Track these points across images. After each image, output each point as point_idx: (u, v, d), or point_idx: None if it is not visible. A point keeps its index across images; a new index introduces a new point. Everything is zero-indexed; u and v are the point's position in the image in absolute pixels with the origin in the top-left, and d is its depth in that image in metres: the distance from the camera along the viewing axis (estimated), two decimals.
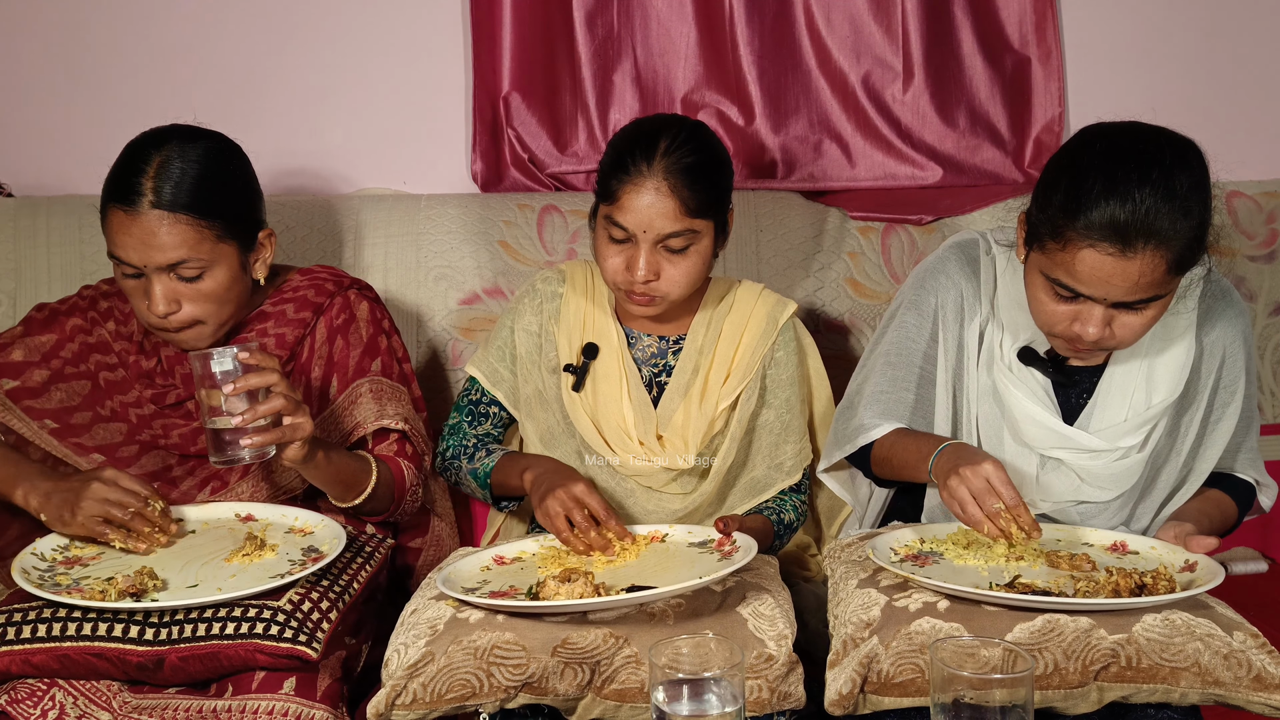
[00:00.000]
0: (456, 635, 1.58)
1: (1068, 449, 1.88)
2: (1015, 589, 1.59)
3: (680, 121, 1.99)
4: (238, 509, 1.95)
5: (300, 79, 2.59)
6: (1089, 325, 1.73)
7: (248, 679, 1.68)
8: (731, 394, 2.06)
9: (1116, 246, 1.64)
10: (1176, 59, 2.70)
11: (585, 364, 2.07)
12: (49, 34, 2.58)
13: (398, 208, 2.50)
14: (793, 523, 2.09)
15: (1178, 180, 1.65)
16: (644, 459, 2.03)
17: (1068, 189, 1.69)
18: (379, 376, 2.04)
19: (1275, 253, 2.55)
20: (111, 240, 1.84)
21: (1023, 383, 1.89)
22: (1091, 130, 1.77)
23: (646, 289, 1.96)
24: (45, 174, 2.60)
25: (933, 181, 2.66)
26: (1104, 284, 1.68)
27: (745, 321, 2.10)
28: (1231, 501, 1.97)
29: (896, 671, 1.55)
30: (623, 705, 1.60)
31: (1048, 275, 1.74)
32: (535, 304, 2.12)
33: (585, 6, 2.60)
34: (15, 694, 1.65)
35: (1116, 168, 1.66)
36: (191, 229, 1.82)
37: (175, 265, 1.83)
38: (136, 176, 1.81)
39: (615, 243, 1.96)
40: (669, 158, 1.91)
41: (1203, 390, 1.91)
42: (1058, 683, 1.53)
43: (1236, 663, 1.53)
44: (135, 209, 1.80)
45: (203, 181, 1.84)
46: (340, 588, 1.76)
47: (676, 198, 1.90)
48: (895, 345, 1.96)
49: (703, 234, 1.96)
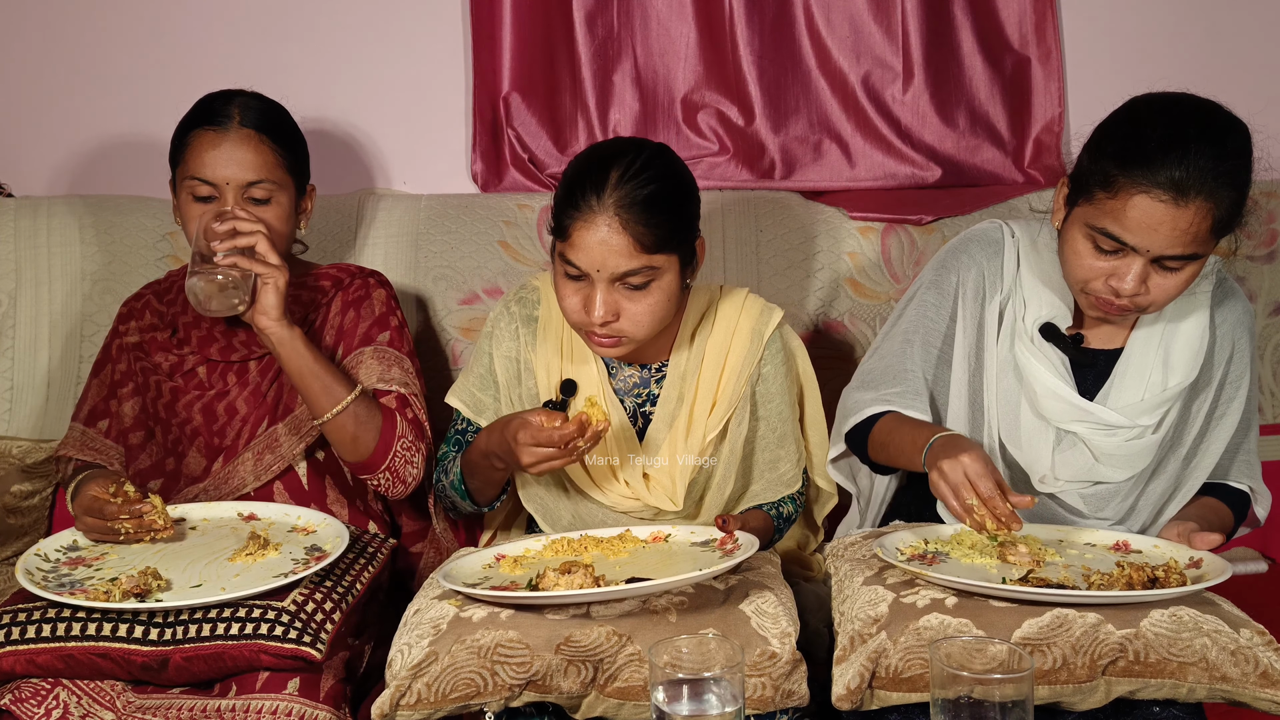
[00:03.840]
0: (460, 634, 1.58)
1: (1085, 423, 1.89)
2: (1029, 583, 1.60)
3: (637, 147, 1.85)
4: (240, 508, 1.96)
5: (300, 79, 2.58)
6: (1126, 278, 1.75)
7: (251, 679, 1.68)
8: (719, 423, 1.96)
9: (1171, 195, 1.69)
10: (1176, 59, 2.70)
11: (565, 400, 1.97)
12: (49, 35, 2.58)
13: (398, 208, 2.50)
14: (791, 515, 2.07)
15: (1231, 142, 1.73)
16: (631, 498, 1.97)
17: (1124, 140, 1.75)
18: (385, 346, 2.06)
19: (1275, 253, 2.55)
20: (194, 160, 1.97)
21: (1044, 356, 1.90)
22: (1148, 95, 1.83)
23: (607, 330, 1.84)
24: (45, 174, 2.60)
25: (933, 181, 2.66)
26: (1151, 232, 1.71)
27: (729, 341, 1.98)
28: (1228, 509, 1.98)
29: (905, 666, 1.55)
30: (625, 703, 1.60)
31: (1093, 226, 1.76)
32: (511, 329, 2.01)
33: (585, 6, 2.60)
34: (20, 693, 1.65)
35: (1176, 122, 1.73)
36: (271, 152, 1.99)
37: (251, 185, 1.97)
38: (224, 105, 2.00)
39: (571, 279, 1.83)
40: (621, 190, 1.78)
41: (1214, 379, 1.93)
42: (1066, 678, 1.54)
43: (1244, 659, 1.54)
44: (224, 129, 1.97)
45: (278, 115, 2.06)
46: (344, 588, 1.77)
47: (628, 234, 1.77)
48: (915, 323, 1.97)
49: (664, 269, 1.83)
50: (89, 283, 2.38)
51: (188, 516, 1.94)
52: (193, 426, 2.03)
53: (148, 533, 1.83)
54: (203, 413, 2.04)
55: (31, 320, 2.36)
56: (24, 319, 2.36)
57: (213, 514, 1.95)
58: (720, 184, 2.64)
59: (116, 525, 1.81)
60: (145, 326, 2.10)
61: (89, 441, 2.09)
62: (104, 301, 2.36)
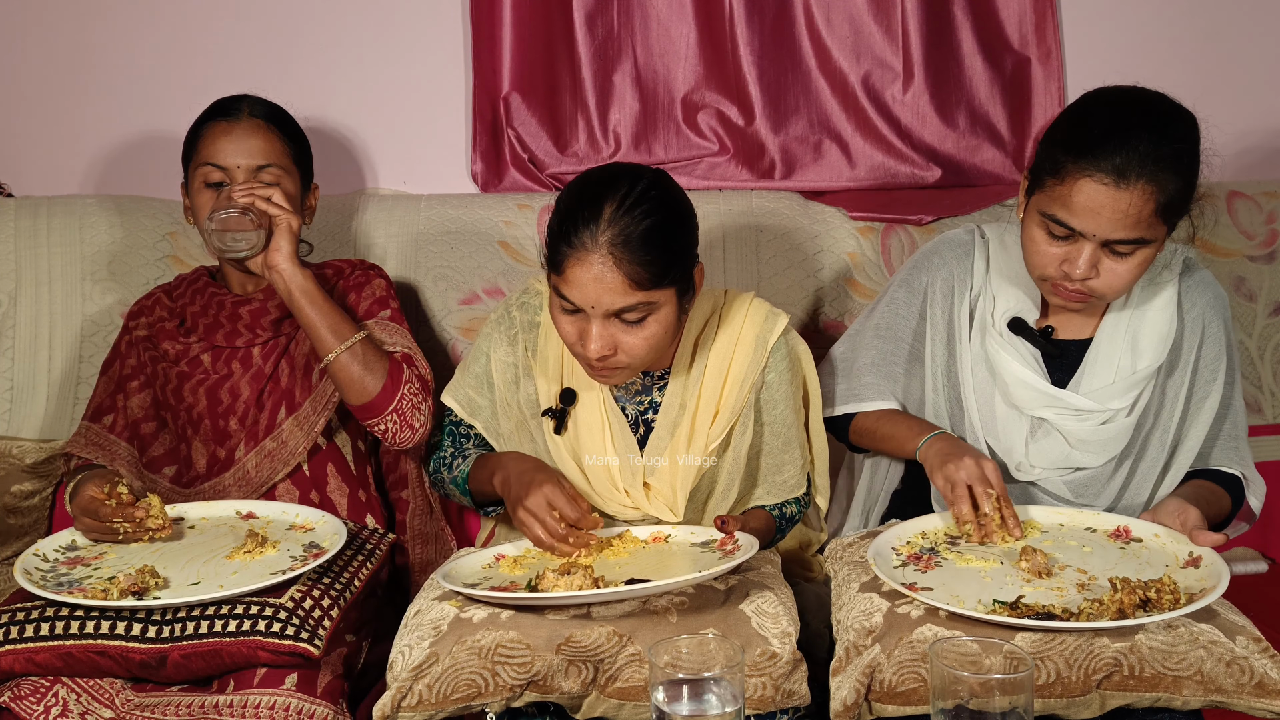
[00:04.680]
0: (460, 635, 1.58)
1: (1056, 409, 1.94)
2: (1019, 610, 1.57)
3: (632, 177, 1.79)
4: (239, 506, 1.97)
5: (300, 79, 2.58)
6: (1078, 263, 1.80)
7: (249, 675, 1.69)
8: (721, 433, 1.93)
9: (1112, 178, 1.75)
10: (1176, 59, 2.70)
11: (564, 409, 1.95)
12: (50, 35, 2.58)
13: (398, 208, 2.49)
14: (794, 515, 2.06)
15: (1173, 129, 1.79)
16: (631, 508, 1.94)
17: (1071, 128, 1.83)
18: (387, 320, 2.11)
19: (1275, 253, 2.55)
20: (206, 149, 2.06)
21: (1013, 349, 1.96)
22: (1100, 88, 1.89)
23: (604, 364, 1.81)
24: (45, 174, 2.60)
25: (933, 181, 2.66)
26: (1095, 215, 1.76)
27: (732, 350, 1.95)
28: (1224, 493, 1.99)
29: (899, 680, 1.55)
30: (626, 703, 1.60)
31: (1044, 213, 1.82)
32: (511, 334, 1.99)
33: (585, 6, 2.60)
34: (19, 691, 1.66)
35: (1118, 110, 1.81)
36: (278, 140, 2.09)
37: (260, 169, 2.05)
38: (235, 101, 2.11)
39: (567, 313, 1.80)
40: (615, 226, 1.73)
41: (1186, 363, 1.97)
42: (1060, 691, 1.53)
43: (1239, 669, 1.53)
44: (235, 119, 2.07)
45: (284, 112, 2.15)
46: (341, 585, 1.77)
47: (622, 272, 1.73)
48: (886, 320, 2.07)
49: (661, 303, 1.79)
50: (89, 283, 2.37)
51: (186, 515, 1.95)
52: (198, 410, 2.06)
53: (145, 533, 1.84)
54: (207, 396, 2.06)
55: (31, 320, 2.36)
56: (24, 319, 2.36)
57: (211, 513, 1.96)
58: (720, 184, 2.64)
59: (114, 526, 1.83)
60: (154, 320, 2.15)
61: (93, 438, 2.10)
62: (104, 302, 2.36)
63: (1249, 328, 2.51)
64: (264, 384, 2.07)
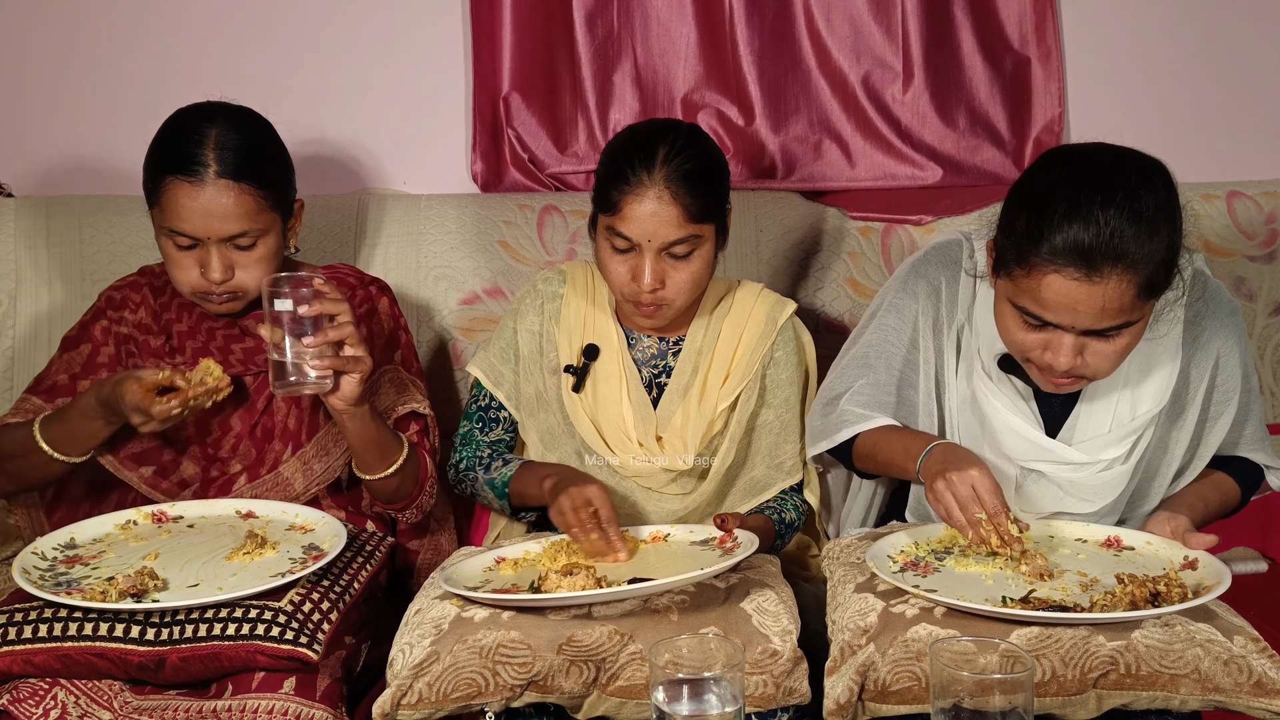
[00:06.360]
0: (461, 634, 1.58)
1: (1048, 461, 1.84)
2: (1030, 604, 1.56)
3: (676, 126, 1.99)
4: (239, 505, 1.95)
5: (301, 80, 2.58)
6: (1060, 355, 1.68)
7: (247, 678, 1.68)
8: (731, 394, 2.06)
9: (1082, 271, 1.60)
10: (1176, 59, 2.70)
11: (585, 365, 2.07)
12: (50, 35, 2.57)
13: (398, 208, 2.49)
14: (794, 522, 2.09)
15: (1143, 201, 1.61)
16: (643, 459, 2.04)
17: (1030, 214, 1.65)
18: (398, 368, 2.07)
19: (1275, 253, 2.55)
20: (171, 212, 1.86)
21: (1002, 392, 1.86)
22: (1054, 153, 1.74)
23: (653, 298, 1.96)
24: (45, 174, 2.60)
25: (933, 182, 2.66)
26: (1071, 311, 1.63)
27: (744, 322, 2.10)
28: (1233, 483, 1.95)
29: (894, 679, 1.54)
30: (627, 702, 1.60)
31: (1015, 304, 1.70)
32: (537, 304, 2.12)
33: (585, 6, 2.60)
34: (17, 693, 1.65)
35: (1079, 190, 1.62)
36: (252, 199, 1.88)
37: (236, 236, 1.88)
38: (197, 148, 1.86)
39: (619, 253, 1.96)
40: (669, 165, 1.92)
41: (1193, 398, 1.88)
42: (1055, 690, 1.52)
43: (1237, 669, 1.52)
44: (200, 179, 1.85)
45: (258, 152, 1.91)
46: (341, 588, 1.76)
47: (679, 205, 1.91)
48: (875, 345, 1.95)
49: (705, 238, 1.97)
50: (89, 283, 2.37)
51: (185, 514, 1.94)
52: (185, 434, 2.01)
53: (211, 398, 1.84)
54: (195, 425, 2.00)
55: (31, 320, 2.36)
56: (24, 319, 2.36)
57: (210, 512, 1.94)
58: None
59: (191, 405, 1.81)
60: (137, 322, 2.03)
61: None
62: None
63: (1249, 328, 2.51)
64: (257, 418, 2.01)
